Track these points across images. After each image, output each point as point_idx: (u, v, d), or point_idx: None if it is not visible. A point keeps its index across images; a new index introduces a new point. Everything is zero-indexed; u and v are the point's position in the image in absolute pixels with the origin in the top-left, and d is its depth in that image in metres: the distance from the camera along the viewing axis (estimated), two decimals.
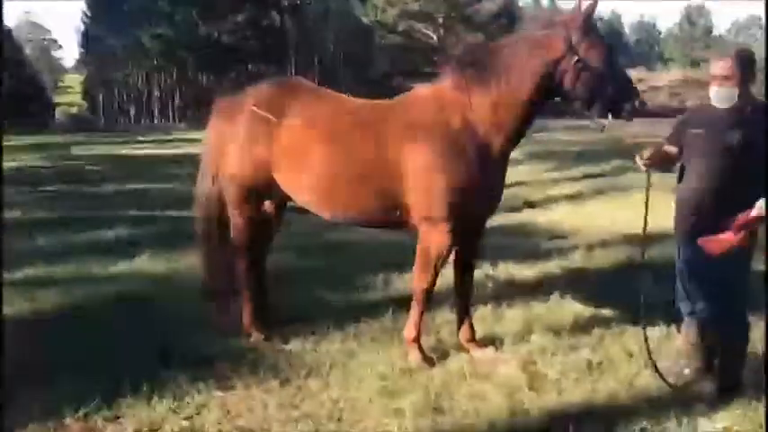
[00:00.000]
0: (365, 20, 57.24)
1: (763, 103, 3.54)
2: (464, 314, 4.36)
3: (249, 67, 52.93)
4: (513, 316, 4.86)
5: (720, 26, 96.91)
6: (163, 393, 3.67)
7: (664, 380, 3.68)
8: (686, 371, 3.82)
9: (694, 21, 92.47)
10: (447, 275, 4.56)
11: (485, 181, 3.88)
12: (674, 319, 4.27)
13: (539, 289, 5.51)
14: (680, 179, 3.72)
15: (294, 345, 4.42)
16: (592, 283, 5.66)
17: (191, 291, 5.10)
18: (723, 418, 3.35)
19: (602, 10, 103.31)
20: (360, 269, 6.11)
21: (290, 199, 4.44)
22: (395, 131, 3.95)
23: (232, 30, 50.10)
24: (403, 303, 5.05)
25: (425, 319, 4.34)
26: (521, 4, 76.06)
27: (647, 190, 3.77)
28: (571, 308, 5.01)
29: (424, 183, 3.84)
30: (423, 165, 3.83)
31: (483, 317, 4.83)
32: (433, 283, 4.14)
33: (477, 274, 5.54)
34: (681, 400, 3.55)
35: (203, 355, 4.24)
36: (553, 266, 6.27)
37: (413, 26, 53.06)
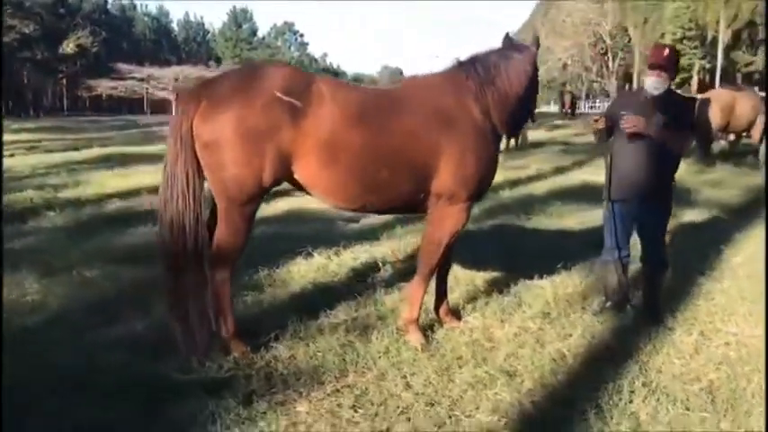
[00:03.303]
0: None
1: (677, 93, 4.67)
2: (443, 291, 4.61)
3: None
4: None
5: (263, 28, 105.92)
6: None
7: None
8: (608, 304, 4.85)
9: (240, 22, 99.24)
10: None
11: (496, 164, 4.26)
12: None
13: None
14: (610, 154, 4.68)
15: (282, 351, 4.04)
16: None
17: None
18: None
19: (150, 6, 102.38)
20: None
21: None
22: (430, 116, 3.97)
23: None
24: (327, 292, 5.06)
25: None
26: None
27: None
28: (468, 273, 5.60)
29: (457, 164, 3.98)
30: (459, 147, 3.97)
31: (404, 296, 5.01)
32: (441, 261, 4.31)
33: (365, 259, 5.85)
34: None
35: (219, 378, 3.64)
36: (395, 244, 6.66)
37: None
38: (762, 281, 4.89)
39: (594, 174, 11.71)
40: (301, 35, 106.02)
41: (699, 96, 14.31)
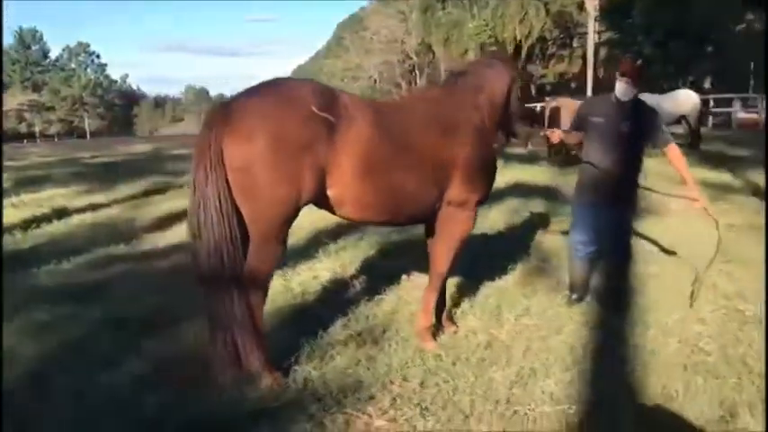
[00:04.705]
0: None
1: (643, 101, 5.13)
2: (443, 297, 4.68)
3: None
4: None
5: (55, 50, 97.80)
6: None
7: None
8: (574, 296, 5.22)
9: (29, 44, 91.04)
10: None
11: (496, 169, 4.45)
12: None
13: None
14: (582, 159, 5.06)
15: (311, 372, 3.91)
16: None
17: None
18: None
19: None
20: None
21: None
22: (444, 127, 4.07)
23: None
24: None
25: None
26: None
27: None
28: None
29: (470, 171, 4.12)
30: (470, 154, 4.11)
31: (394, 308, 5.08)
32: (452, 267, 4.39)
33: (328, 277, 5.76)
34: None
35: (271, 407, 3.47)
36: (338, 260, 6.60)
37: None
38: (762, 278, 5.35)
39: None
40: (98, 56, 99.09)
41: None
